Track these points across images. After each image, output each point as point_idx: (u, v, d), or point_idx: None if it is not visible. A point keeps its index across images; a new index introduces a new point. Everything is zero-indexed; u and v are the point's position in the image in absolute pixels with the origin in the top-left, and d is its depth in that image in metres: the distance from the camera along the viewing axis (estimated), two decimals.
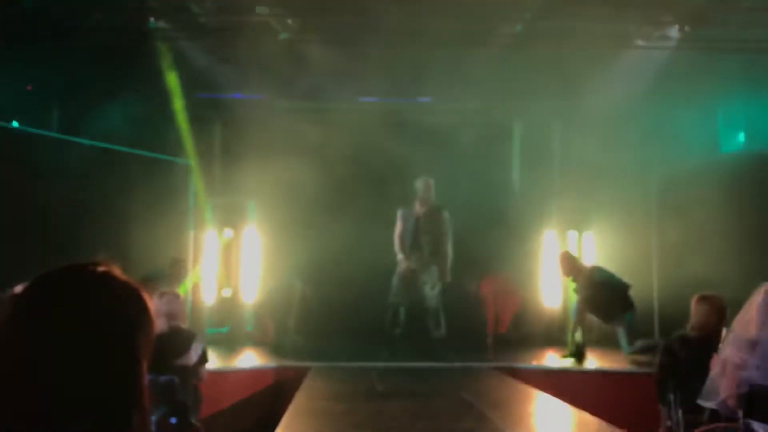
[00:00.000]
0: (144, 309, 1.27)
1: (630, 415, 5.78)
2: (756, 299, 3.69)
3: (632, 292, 8.03)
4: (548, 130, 9.60)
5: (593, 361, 8.13)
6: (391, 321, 8.10)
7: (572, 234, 10.04)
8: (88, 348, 1.18)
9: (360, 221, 8.87)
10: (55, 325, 1.18)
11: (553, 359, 8.20)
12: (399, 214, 8.30)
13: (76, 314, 1.19)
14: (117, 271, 1.28)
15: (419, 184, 8.30)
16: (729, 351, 3.73)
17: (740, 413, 3.66)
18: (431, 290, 8.01)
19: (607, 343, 8.63)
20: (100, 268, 1.26)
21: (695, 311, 4.99)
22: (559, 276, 9.54)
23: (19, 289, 3.57)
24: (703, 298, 5.00)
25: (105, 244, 8.11)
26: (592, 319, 8.59)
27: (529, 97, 9.63)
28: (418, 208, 8.26)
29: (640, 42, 8.17)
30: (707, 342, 4.76)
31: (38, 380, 1.15)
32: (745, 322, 3.67)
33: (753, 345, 3.58)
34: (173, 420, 4.32)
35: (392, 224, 8.44)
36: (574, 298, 8.61)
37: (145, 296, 1.29)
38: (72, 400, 1.15)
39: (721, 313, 4.90)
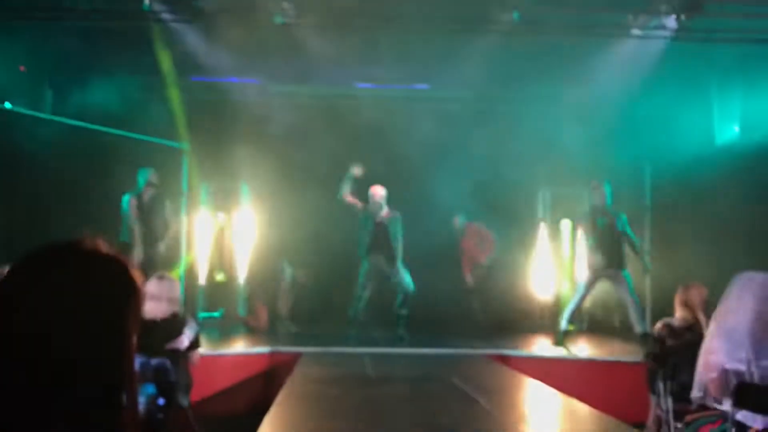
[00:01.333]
0: (131, 284, 1.26)
1: (620, 403, 5.82)
2: (733, 289, 3.72)
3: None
4: (542, 119, 9.58)
5: (584, 349, 8.19)
6: (355, 308, 8.43)
7: (566, 223, 10.07)
8: (77, 324, 1.18)
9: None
10: (42, 302, 1.17)
11: (543, 347, 8.24)
12: (361, 215, 8.51)
13: (63, 291, 1.19)
14: (102, 245, 1.27)
15: (370, 194, 8.48)
16: (711, 342, 3.76)
17: (727, 403, 3.69)
18: (401, 278, 8.38)
19: (597, 331, 8.68)
20: (86, 244, 1.25)
21: (680, 299, 5.03)
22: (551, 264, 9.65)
23: (5, 270, 3.58)
24: (687, 288, 5.04)
25: (97, 228, 8.11)
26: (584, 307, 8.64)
27: (523, 85, 9.63)
28: (374, 213, 8.47)
29: (636, 31, 8.15)
30: (691, 330, 4.80)
31: (26, 358, 1.15)
32: (723, 313, 3.70)
33: (732, 334, 3.61)
34: (161, 401, 4.32)
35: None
36: (570, 286, 8.63)
37: (132, 270, 1.28)
38: (60, 376, 1.15)
39: (702, 300, 4.93)
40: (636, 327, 7.86)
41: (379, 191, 8.50)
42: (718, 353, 3.62)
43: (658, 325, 5.11)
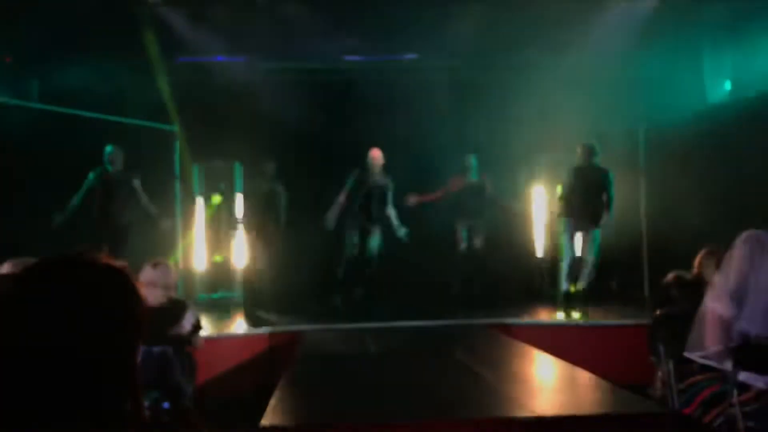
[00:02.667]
0: (135, 298, 1.27)
1: (623, 366, 5.85)
2: (737, 249, 3.70)
3: None
4: (533, 85, 9.53)
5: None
6: (343, 269, 8.69)
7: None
8: (81, 334, 1.18)
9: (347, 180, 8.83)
10: (47, 312, 1.18)
11: (544, 314, 8.27)
12: (353, 175, 8.66)
13: (68, 301, 1.19)
14: (104, 258, 1.27)
15: (369, 158, 8.63)
16: (712, 302, 3.76)
17: (729, 364, 3.70)
18: (374, 243, 8.70)
19: (594, 294, 8.70)
20: (88, 257, 1.26)
21: (703, 264, 5.01)
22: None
23: (6, 267, 3.55)
24: (710, 253, 5.01)
25: (91, 215, 8.09)
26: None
27: (513, 53, 9.56)
28: (369, 177, 8.65)
29: None
30: (700, 288, 4.80)
31: (30, 367, 1.15)
32: (725, 273, 3.69)
33: (737, 295, 3.61)
34: (166, 405, 4.33)
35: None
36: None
37: (135, 284, 1.29)
38: (64, 386, 1.15)
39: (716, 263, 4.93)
40: (567, 283, 8.26)
41: (378, 154, 8.60)
42: (720, 312, 3.62)
43: (670, 275, 5.12)
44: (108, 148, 8.27)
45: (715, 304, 3.78)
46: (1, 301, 1.20)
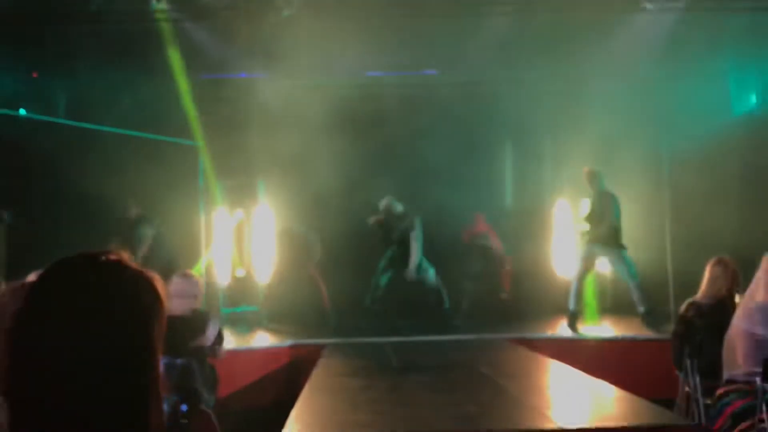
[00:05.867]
0: (158, 298, 1.27)
1: (647, 381, 5.78)
2: (764, 266, 3.67)
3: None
4: (557, 98, 9.51)
5: (608, 329, 8.13)
6: (372, 297, 8.52)
7: (585, 201, 9.98)
8: (104, 337, 1.18)
9: (371, 196, 8.85)
10: (70, 315, 1.17)
11: (566, 328, 8.20)
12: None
13: (92, 303, 1.19)
14: (129, 259, 1.27)
15: (384, 204, 8.62)
16: (742, 321, 3.73)
17: (757, 377, 3.65)
18: (425, 275, 8.47)
19: (620, 310, 8.62)
20: (113, 257, 1.26)
21: (709, 275, 4.97)
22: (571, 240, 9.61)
23: (32, 277, 3.59)
24: (717, 262, 4.98)
25: (116, 230, 8.17)
26: (606, 284, 8.57)
27: (536, 65, 9.55)
28: (388, 227, 8.62)
29: (648, 5, 8.04)
30: (721, 307, 4.75)
31: (53, 369, 1.15)
32: (754, 292, 3.66)
33: (764, 309, 3.57)
34: (184, 407, 4.34)
35: (404, 197, 8.68)
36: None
37: (159, 285, 1.28)
38: (87, 389, 1.15)
39: (733, 276, 4.88)
40: (574, 303, 8.06)
41: (387, 203, 8.62)
42: (751, 331, 3.58)
43: (684, 304, 5.07)
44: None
45: (745, 323, 3.75)
46: (29, 304, 1.20)
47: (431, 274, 8.45)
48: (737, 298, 4.73)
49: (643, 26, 8.38)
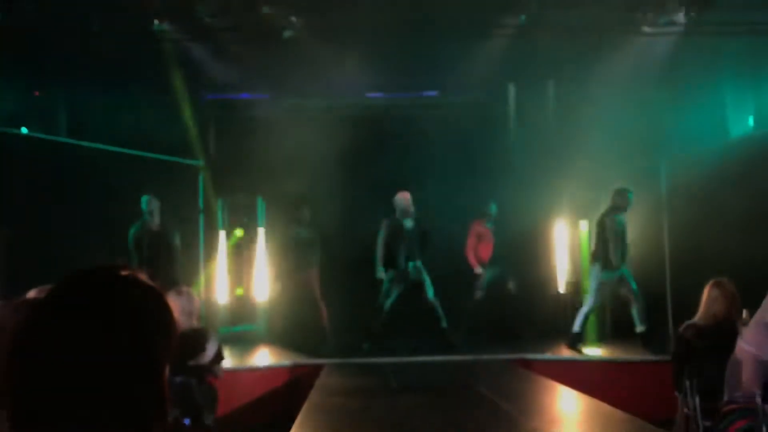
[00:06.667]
0: (168, 313, 1.27)
1: (646, 403, 5.77)
2: None
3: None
4: (556, 120, 9.56)
5: (608, 349, 8.12)
6: (377, 318, 8.37)
7: (583, 224, 10.00)
8: (113, 351, 1.18)
9: (370, 216, 8.86)
10: (80, 328, 1.17)
11: (566, 350, 8.18)
12: (384, 223, 8.51)
13: (103, 317, 1.19)
14: (140, 274, 1.28)
15: (399, 200, 8.49)
16: (746, 343, 3.73)
17: (758, 399, 3.65)
18: (427, 290, 8.37)
19: (620, 332, 8.60)
20: (124, 271, 1.26)
21: (707, 297, 4.98)
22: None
23: (32, 294, 3.58)
24: (715, 284, 4.99)
25: (118, 248, 8.17)
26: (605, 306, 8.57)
27: (535, 87, 9.62)
28: (401, 220, 8.49)
29: (646, 29, 8.12)
30: (720, 328, 4.75)
31: (61, 383, 1.15)
32: (760, 314, 3.67)
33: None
34: (186, 421, 4.33)
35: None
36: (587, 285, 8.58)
37: (169, 301, 1.29)
38: (95, 403, 1.16)
39: (732, 298, 4.89)
40: (638, 325, 7.94)
41: (407, 197, 8.49)
42: (756, 353, 3.58)
43: (683, 326, 5.07)
44: (144, 199, 8.19)
45: (750, 346, 3.75)
46: (28, 319, 1.20)
47: (431, 292, 8.38)
48: (745, 315, 4.74)
49: (641, 49, 8.45)
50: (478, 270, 9.06)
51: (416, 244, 8.45)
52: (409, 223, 8.49)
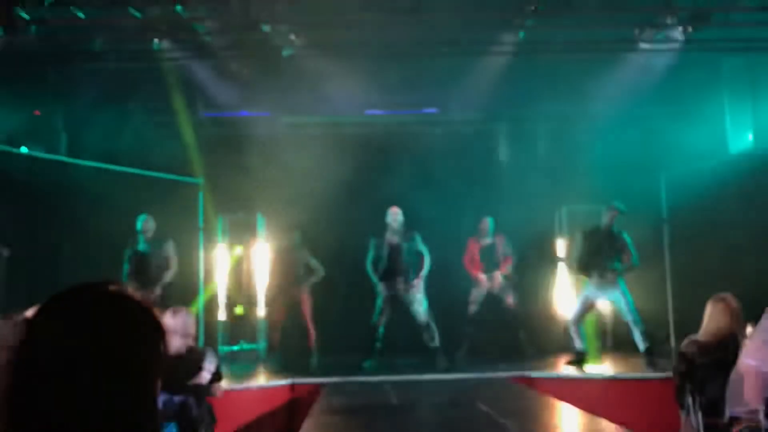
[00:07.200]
0: (158, 328, 1.28)
1: (649, 420, 5.73)
2: None
3: None
4: (554, 137, 9.59)
5: (610, 367, 8.08)
6: (373, 338, 8.29)
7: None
8: (104, 367, 1.18)
9: (370, 232, 8.84)
10: (71, 345, 1.17)
11: (568, 367, 8.14)
12: (372, 243, 8.45)
13: (92, 334, 1.19)
14: (129, 290, 1.28)
15: (389, 216, 8.42)
16: (749, 359, 3.71)
17: (762, 415, 3.63)
18: (419, 308, 8.26)
19: (622, 348, 8.56)
20: (113, 287, 1.26)
21: (710, 312, 4.95)
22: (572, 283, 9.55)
23: (31, 313, 3.58)
24: (717, 300, 4.96)
25: (118, 266, 8.16)
26: (606, 323, 8.52)
27: (534, 105, 9.65)
28: (390, 236, 8.41)
29: (644, 45, 8.16)
30: (723, 344, 4.72)
31: (53, 401, 1.15)
32: (762, 330, 3.66)
33: None
34: None
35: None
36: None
37: (158, 316, 1.29)
38: (87, 419, 1.15)
39: (735, 315, 4.86)
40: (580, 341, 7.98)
41: (394, 211, 8.43)
42: (758, 368, 3.57)
43: (685, 342, 5.04)
44: (140, 218, 8.12)
45: (752, 361, 3.74)
46: (21, 338, 1.20)
47: (425, 308, 8.29)
48: (749, 329, 4.71)
49: (639, 65, 8.48)
50: (482, 278, 8.96)
51: (408, 260, 8.35)
52: (397, 239, 8.40)
